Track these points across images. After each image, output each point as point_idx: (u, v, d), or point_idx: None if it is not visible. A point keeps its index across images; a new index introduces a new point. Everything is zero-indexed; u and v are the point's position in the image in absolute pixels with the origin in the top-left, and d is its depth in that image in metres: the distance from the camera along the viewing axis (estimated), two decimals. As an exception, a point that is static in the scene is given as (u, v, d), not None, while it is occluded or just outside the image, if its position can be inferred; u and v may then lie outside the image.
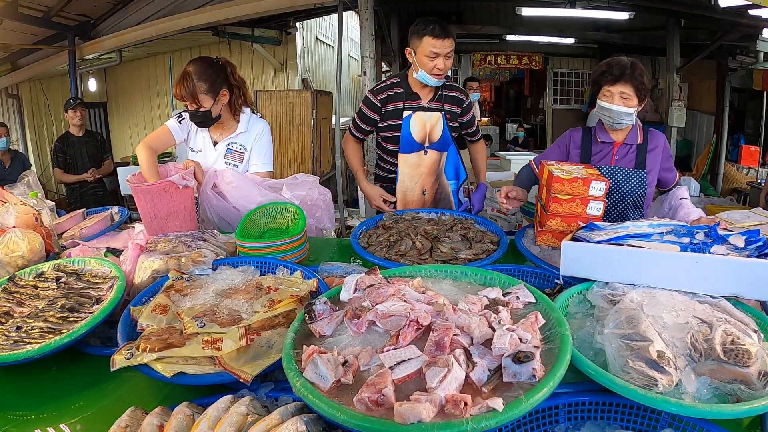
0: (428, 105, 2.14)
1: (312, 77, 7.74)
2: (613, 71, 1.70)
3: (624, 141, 1.82)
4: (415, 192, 2.22)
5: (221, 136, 2.04)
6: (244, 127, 2.04)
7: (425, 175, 2.20)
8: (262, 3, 4.99)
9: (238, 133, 2.04)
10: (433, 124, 2.15)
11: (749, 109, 6.95)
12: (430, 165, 2.19)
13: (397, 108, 2.13)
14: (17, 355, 1.01)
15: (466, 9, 8.05)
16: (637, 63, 1.72)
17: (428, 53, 1.97)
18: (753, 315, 1.00)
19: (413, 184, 2.20)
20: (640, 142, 1.83)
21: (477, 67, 9.87)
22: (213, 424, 0.76)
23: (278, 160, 6.17)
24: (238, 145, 2.03)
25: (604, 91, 1.74)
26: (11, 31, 4.89)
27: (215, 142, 2.04)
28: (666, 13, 6.02)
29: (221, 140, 2.04)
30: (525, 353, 0.75)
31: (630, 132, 1.82)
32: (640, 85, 1.69)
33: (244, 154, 2.04)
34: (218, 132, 2.05)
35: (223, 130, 2.04)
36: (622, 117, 1.72)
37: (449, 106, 2.18)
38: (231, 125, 2.04)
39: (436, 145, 2.17)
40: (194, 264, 1.38)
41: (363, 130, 2.25)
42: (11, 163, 4.04)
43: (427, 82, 2.05)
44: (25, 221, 1.68)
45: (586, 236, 1.22)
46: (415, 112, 2.11)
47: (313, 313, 0.95)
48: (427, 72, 2.01)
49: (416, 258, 1.53)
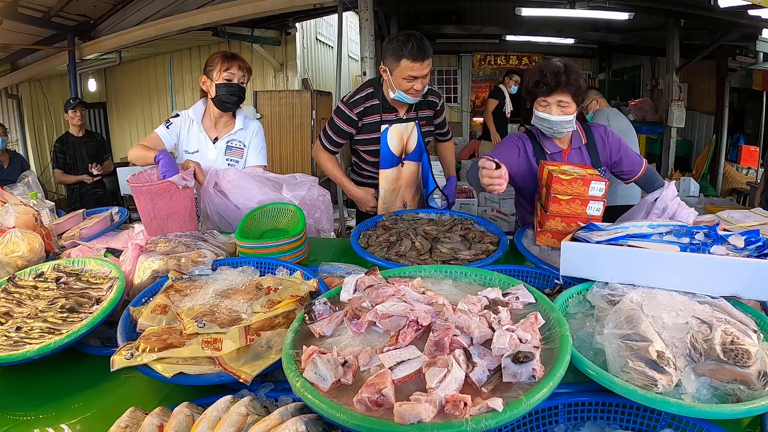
0: (404, 116, 2.10)
1: (312, 77, 7.74)
2: (547, 81, 1.63)
3: (571, 146, 1.77)
4: (396, 206, 2.18)
5: (221, 133, 2.10)
6: (241, 124, 2.10)
7: (404, 187, 2.18)
8: (262, 3, 4.99)
9: (236, 130, 2.10)
10: (408, 135, 2.12)
11: (749, 109, 6.95)
12: (408, 176, 2.17)
13: (375, 121, 2.07)
14: (17, 356, 1.01)
15: (465, 9, 8.04)
16: (571, 66, 1.65)
17: (405, 76, 1.89)
18: (753, 315, 1.00)
19: (393, 198, 2.17)
20: (585, 141, 1.79)
21: (477, 67, 9.87)
22: (213, 425, 0.76)
23: (278, 160, 6.19)
24: (237, 142, 2.10)
25: (540, 102, 1.68)
26: (11, 31, 4.89)
27: (215, 139, 2.09)
28: (666, 13, 6.02)
29: (222, 137, 2.09)
30: (525, 353, 0.75)
31: (573, 135, 1.77)
32: (577, 90, 1.64)
33: (243, 150, 2.11)
34: (218, 129, 2.11)
35: (224, 128, 2.10)
36: (562, 126, 1.68)
37: (424, 112, 2.14)
38: (230, 123, 2.11)
39: (411, 156, 2.15)
40: (194, 264, 1.38)
41: (336, 143, 2.14)
42: (9, 163, 4.04)
43: (404, 100, 2.00)
44: (24, 221, 1.68)
45: (585, 236, 1.22)
46: (392, 125, 2.07)
47: (313, 313, 0.95)
48: (403, 92, 1.95)
49: (416, 258, 1.53)
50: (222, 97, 1.97)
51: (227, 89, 1.95)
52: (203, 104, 2.09)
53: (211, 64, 1.98)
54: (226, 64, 1.94)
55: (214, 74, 1.96)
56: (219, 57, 1.97)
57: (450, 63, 9.84)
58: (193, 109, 2.09)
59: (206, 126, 2.09)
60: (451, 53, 9.63)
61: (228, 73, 1.94)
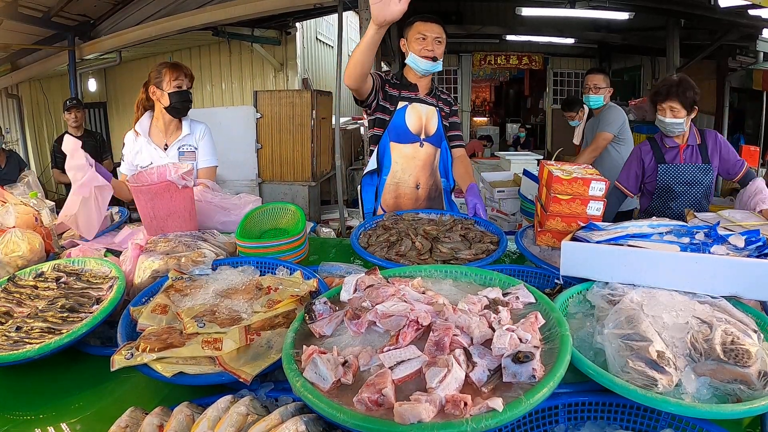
0: (424, 97, 2.13)
1: (312, 77, 7.75)
2: (661, 91, 2.13)
3: (687, 143, 2.22)
4: (409, 185, 2.17)
5: (171, 140, 2.20)
6: (188, 129, 2.21)
7: (420, 168, 2.16)
8: (262, 3, 4.99)
9: (184, 135, 2.20)
10: (429, 117, 2.13)
11: (749, 109, 6.95)
12: (426, 158, 2.16)
13: (394, 94, 2.10)
14: (17, 355, 1.00)
15: (465, 9, 8.06)
16: (684, 79, 2.12)
17: (417, 36, 2.01)
18: (753, 315, 1.00)
19: (407, 176, 2.16)
20: (699, 142, 2.22)
21: (477, 67, 9.88)
22: (213, 424, 0.76)
23: (278, 160, 6.19)
24: (188, 146, 2.22)
25: (658, 107, 2.16)
26: (11, 31, 4.89)
27: (165, 147, 2.18)
28: (666, 13, 6.02)
29: (171, 143, 2.19)
30: (525, 353, 0.75)
31: (689, 135, 2.22)
32: (685, 99, 2.08)
33: (195, 152, 2.23)
34: (165, 137, 2.20)
35: (171, 134, 2.21)
36: (673, 126, 2.14)
37: (442, 105, 2.19)
38: (177, 129, 2.21)
39: (431, 139, 2.15)
40: (194, 264, 1.38)
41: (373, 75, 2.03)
42: (7, 162, 4.03)
43: (417, 66, 2.04)
44: (25, 221, 1.68)
45: (586, 236, 1.22)
46: (411, 102, 2.10)
47: (313, 313, 0.95)
48: (416, 53, 2.02)
49: (416, 258, 1.53)
50: (176, 105, 2.10)
51: (179, 96, 2.09)
52: (148, 117, 2.19)
53: (158, 76, 2.09)
54: (175, 74, 2.08)
55: (164, 84, 2.08)
56: (166, 67, 2.10)
57: (450, 63, 9.85)
58: (138, 125, 2.18)
59: (154, 137, 2.19)
60: (451, 53, 9.64)
61: (177, 81, 2.08)
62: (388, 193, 2.17)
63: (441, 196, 2.27)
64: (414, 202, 2.17)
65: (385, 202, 2.17)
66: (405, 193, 2.17)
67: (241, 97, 7.39)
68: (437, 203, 2.25)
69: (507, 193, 3.29)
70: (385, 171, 2.16)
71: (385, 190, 2.17)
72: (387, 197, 2.17)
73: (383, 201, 2.17)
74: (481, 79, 11.11)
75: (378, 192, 2.19)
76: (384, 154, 2.14)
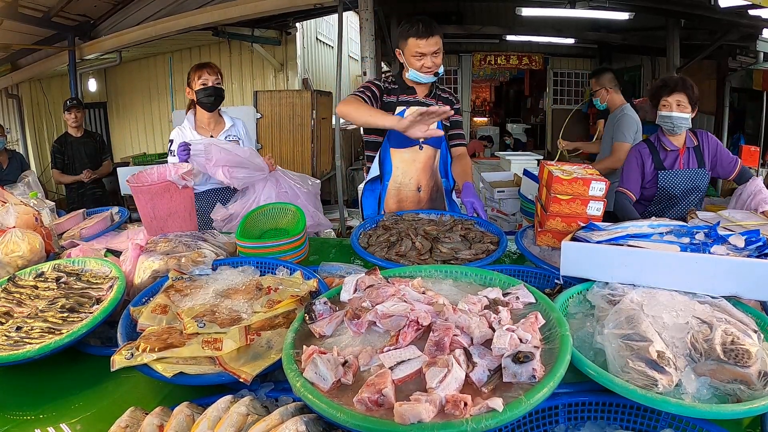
0: (423, 99, 2.11)
1: (312, 77, 7.74)
2: (668, 84, 2.09)
3: (685, 146, 2.17)
4: (410, 188, 2.17)
5: (216, 132, 2.41)
6: (230, 122, 2.47)
7: (420, 170, 2.16)
8: (262, 3, 4.99)
9: (228, 126, 2.45)
10: None
11: (749, 109, 6.95)
12: (426, 160, 2.16)
13: (391, 101, 2.10)
14: (17, 355, 1.01)
15: (465, 9, 8.05)
16: (686, 78, 2.12)
17: (414, 54, 1.98)
18: (753, 315, 1.00)
19: (408, 180, 2.16)
20: (696, 144, 2.18)
21: (477, 68, 9.87)
22: (213, 425, 0.76)
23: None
24: (233, 136, 2.45)
25: (663, 102, 2.09)
26: (11, 31, 4.89)
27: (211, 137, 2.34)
28: (666, 13, 6.02)
29: (217, 135, 2.39)
30: (525, 353, 0.75)
31: (685, 137, 2.16)
32: (692, 94, 2.07)
33: (240, 141, 2.45)
34: (209, 130, 2.40)
35: (215, 127, 2.43)
36: (680, 121, 2.07)
37: (442, 105, 2.16)
38: (220, 122, 2.45)
39: (430, 141, 2.13)
40: (194, 264, 1.38)
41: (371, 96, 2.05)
42: (9, 163, 4.03)
43: (419, 80, 2.05)
44: (25, 221, 1.68)
45: (586, 236, 1.22)
46: (409, 106, 2.08)
47: (313, 313, 0.95)
48: (416, 71, 2.02)
49: (416, 258, 1.53)
50: (202, 99, 2.31)
51: (204, 92, 2.31)
52: (193, 114, 2.40)
53: (189, 77, 2.34)
54: (199, 72, 2.31)
55: (193, 83, 2.32)
56: (192, 68, 2.35)
57: (450, 63, 9.83)
58: (187, 121, 2.39)
59: (200, 131, 2.38)
60: (452, 53, 9.62)
61: (202, 79, 2.30)
62: (391, 198, 2.18)
63: (442, 196, 2.27)
64: (416, 204, 2.18)
65: (388, 207, 2.18)
66: (407, 196, 2.18)
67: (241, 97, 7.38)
68: (439, 204, 2.25)
69: (507, 193, 3.29)
70: (387, 177, 2.17)
71: (387, 195, 2.18)
72: (390, 201, 2.18)
73: (386, 206, 2.19)
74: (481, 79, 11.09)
75: (381, 198, 2.20)
76: (385, 160, 2.15)
